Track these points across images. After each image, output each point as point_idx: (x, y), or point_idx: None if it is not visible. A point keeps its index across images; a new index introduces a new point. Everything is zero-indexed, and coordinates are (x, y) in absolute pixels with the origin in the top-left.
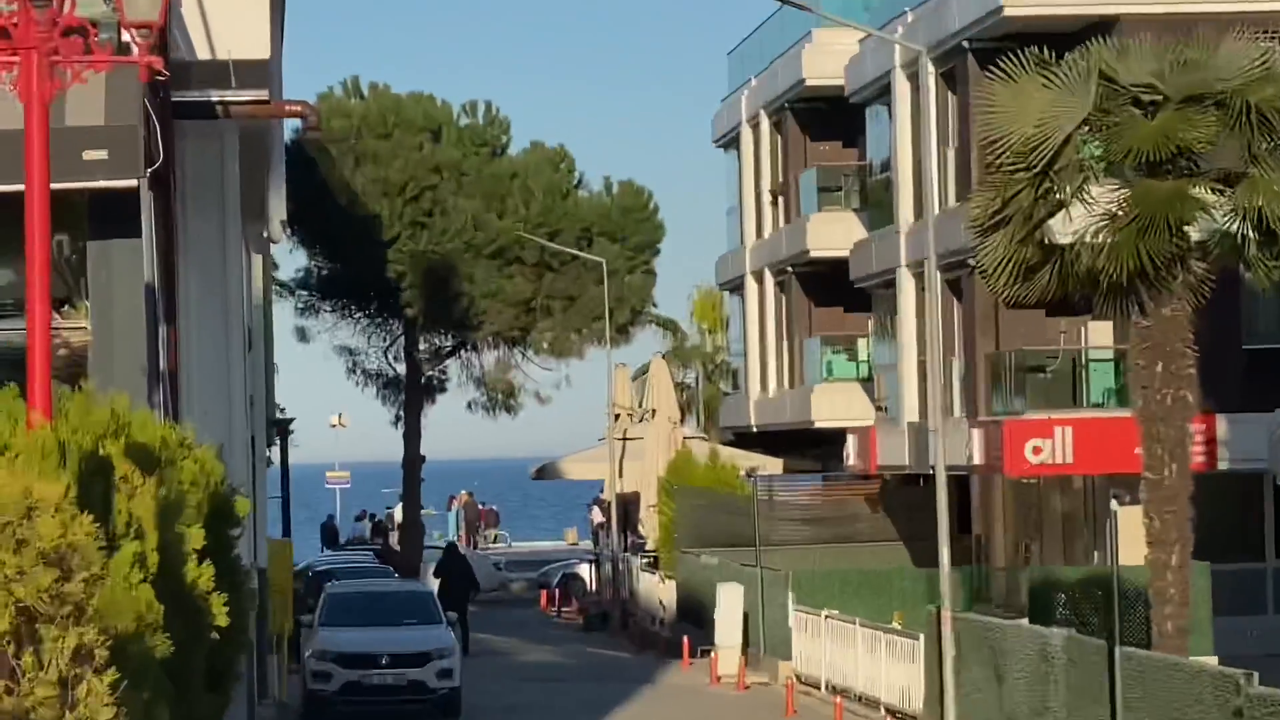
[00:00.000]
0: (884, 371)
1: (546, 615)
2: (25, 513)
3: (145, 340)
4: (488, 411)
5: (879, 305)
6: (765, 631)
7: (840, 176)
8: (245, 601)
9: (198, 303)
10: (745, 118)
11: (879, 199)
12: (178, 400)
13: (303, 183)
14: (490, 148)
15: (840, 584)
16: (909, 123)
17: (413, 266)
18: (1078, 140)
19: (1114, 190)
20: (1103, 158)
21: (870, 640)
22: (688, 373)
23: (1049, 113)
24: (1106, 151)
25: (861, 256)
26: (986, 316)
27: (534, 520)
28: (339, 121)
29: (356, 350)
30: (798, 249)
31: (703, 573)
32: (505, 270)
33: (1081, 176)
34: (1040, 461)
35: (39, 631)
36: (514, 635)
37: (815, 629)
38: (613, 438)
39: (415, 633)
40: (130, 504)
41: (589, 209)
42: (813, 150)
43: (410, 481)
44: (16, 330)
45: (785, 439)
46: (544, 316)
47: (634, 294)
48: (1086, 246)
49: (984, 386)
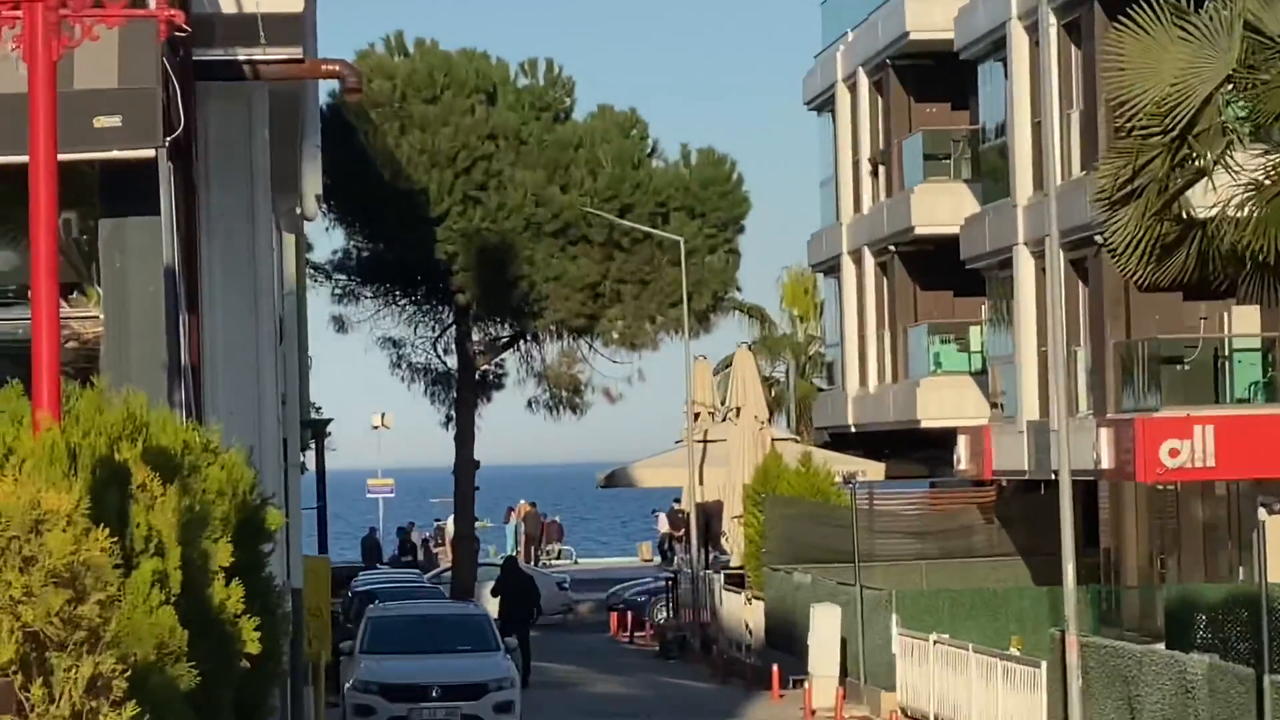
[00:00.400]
0: (999, 364)
1: (617, 641)
2: (32, 526)
3: (164, 331)
4: (550, 410)
5: (994, 288)
6: (865, 659)
7: (949, 143)
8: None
9: (223, 288)
10: (841, 77)
11: (993, 168)
12: (201, 399)
13: (341, 153)
14: (552, 112)
15: (950, 605)
16: (1027, 81)
17: (465, 247)
18: (1219, 100)
19: (1261, 157)
20: (1248, 119)
21: (985, 668)
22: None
23: (1187, 69)
24: (1253, 113)
25: (973, 233)
26: (1116, 301)
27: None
28: (381, 83)
29: (401, 341)
30: (901, 225)
31: (795, 592)
32: (569, 250)
33: (1224, 141)
34: (1177, 465)
35: (49, 660)
36: (580, 664)
37: (922, 656)
38: (691, 440)
39: (470, 661)
40: (149, 516)
41: (664, 181)
42: (918, 113)
43: (463, 490)
44: (20, 320)
45: (888, 440)
46: (613, 303)
47: (715, 277)
48: (1230, 221)
49: (1113, 380)
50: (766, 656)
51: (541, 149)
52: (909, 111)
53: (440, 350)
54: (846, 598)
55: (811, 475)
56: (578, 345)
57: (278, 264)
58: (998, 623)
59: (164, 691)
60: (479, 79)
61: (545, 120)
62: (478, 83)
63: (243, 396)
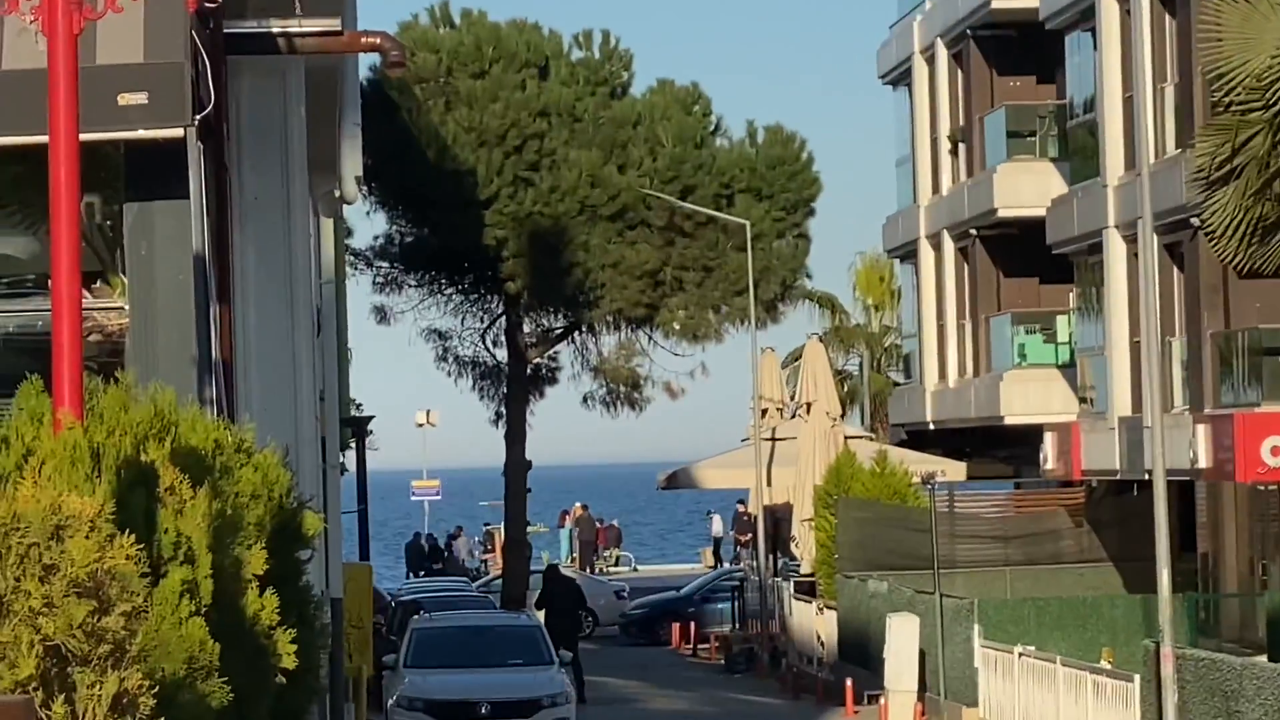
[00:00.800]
0: (1089, 356)
1: (679, 653)
2: (53, 532)
3: (194, 323)
4: (607, 407)
5: (1082, 275)
6: (945, 673)
7: (1034, 119)
8: (316, 638)
9: (256, 277)
10: (918, 48)
11: (1082, 146)
12: (233, 395)
13: (382, 131)
14: (608, 87)
15: (1037, 614)
16: (1118, 53)
17: (515, 231)
18: None
19: None
20: None
21: (1074, 682)
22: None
23: None
24: None
25: (1060, 216)
26: (1213, 288)
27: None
28: (426, 56)
29: (448, 333)
30: (983, 207)
31: (870, 601)
32: (627, 236)
33: None
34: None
35: (71, 676)
36: (640, 678)
37: (1007, 669)
38: (758, 438)
39: (522, 676)
40: (178, 521)
41: (728, 160)
42: (1001, 87)
43: (514, 492)
44: (40, 312)
45: (969, 438)
46: (674, 291)
47: (783, 263)
48: None
49: (1211, 373)
50: (839, 670)
51: (597, 127)
52: (991, 85)
53: (489, 342)
54: (925, 607)
55: (887, 476)
56: (636, 337)
57: (315, 250)
58: (1087, 634)
59: (194, 709)
60: (530, 52)
61: (601, 96)
62: (529, 56)
63: (278, 392)
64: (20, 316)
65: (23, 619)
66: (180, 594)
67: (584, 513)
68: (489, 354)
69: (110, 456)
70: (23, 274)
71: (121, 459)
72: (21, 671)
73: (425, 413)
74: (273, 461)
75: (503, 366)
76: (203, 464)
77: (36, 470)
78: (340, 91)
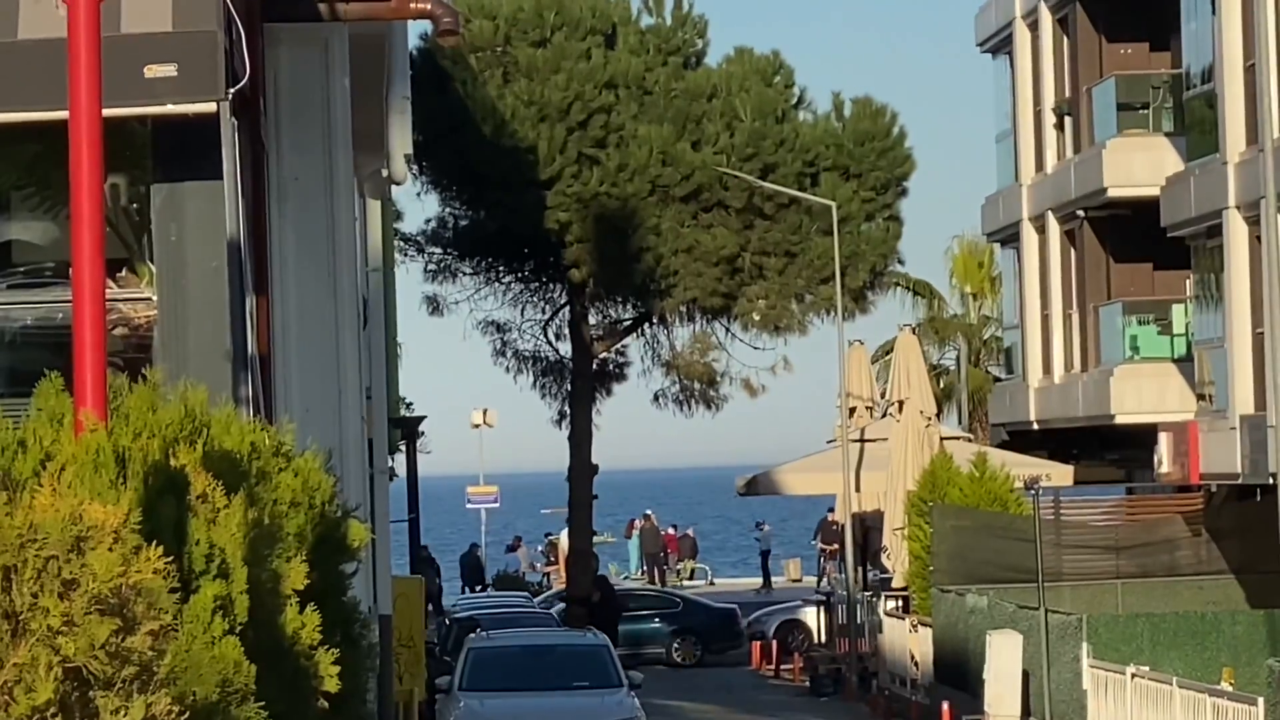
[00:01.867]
0: (1208, 348)
1: (760, 674)
2: (73, 544)
3: (228, 315)
4: (681, 405)
5: (1200, 260)
6: (1051, 695)
7: (1147, 89)
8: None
9: (296, 264)
10: (1020, 13)
11: (1199, 119)
12: (271, 394)
13: (434, 105)
14: (681, 56)
15: (1151, 631)
16: (1239, 17)
17: (580, 214)
18: None
19: None
20: None
21: (1192, 705)
22: (946, 352)
23: None
24: None
25: (1176, 195)
26: None
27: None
28: (482, 23)
29: (506, 325)
30: (1092, 186)
31: (968, 618)
32: (702, 219)
33: None
34: None
35: (94, 701)
36: (717, 701)
37: (1118, 691)
38: (846, 439)
39: (588, 699)
40: (210, 531)
41: (813, 136)
42: (1110, 55)
43: (578, 499)
44: (60, 303)
45: (1076, 439)
46: (754, 279)
47: (873, 248)
48: None
49: None
50: (935, 693)
51: (669, 100)
52: (1100, 53)
53: (551, 335)
54: (1029, 624)
55: (987, 480)
56: (712, 329)
57: (361, 235)
58: (1206, 652)
59: None
60: (595, 18)
61: (673, 66)
62: (594, 22)
63: (320, 391)
64: (39, 308)
65: (41, 639)
66: (213, 611)
67: (648, 523)
68: (551, 348)
69: (136, 461)
70: (41, 262)
71: (149, 464)
72: (39, 696)
73: (482, 412)
74: (314, 466)
75: (566, 362)
76: (238, 469)
77: (56, 476)
78: (388, 62)
